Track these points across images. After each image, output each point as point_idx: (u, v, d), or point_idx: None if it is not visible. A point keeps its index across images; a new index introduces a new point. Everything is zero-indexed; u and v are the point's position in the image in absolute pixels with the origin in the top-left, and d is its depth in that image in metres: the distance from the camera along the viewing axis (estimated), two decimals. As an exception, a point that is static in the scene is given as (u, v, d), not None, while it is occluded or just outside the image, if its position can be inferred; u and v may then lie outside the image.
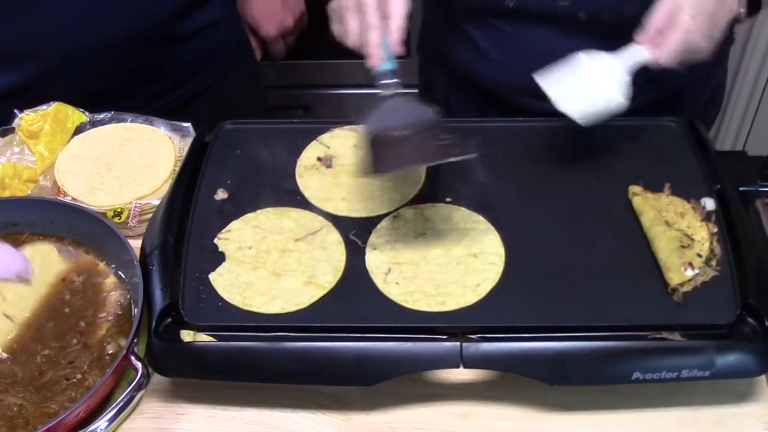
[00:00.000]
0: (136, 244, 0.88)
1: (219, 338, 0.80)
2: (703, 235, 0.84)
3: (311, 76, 1.98)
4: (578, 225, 0.89)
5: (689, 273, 0.81)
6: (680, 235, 0.84)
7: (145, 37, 1.11)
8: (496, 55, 1.11)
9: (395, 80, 0.84)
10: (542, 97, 0.96)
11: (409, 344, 0.77)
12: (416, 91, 2.04)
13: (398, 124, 0.80)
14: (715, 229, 0.85)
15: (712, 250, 0.83)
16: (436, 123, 0.82)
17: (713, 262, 0.83)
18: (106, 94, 1.14)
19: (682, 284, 0.81)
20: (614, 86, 0.87)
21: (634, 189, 0.90)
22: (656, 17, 0.86)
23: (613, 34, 0.91)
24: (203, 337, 0.80)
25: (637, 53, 0.87)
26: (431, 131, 0.81)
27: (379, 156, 0.81)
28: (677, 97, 1.14)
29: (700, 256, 0.82)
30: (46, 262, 0.88)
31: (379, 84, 0.85)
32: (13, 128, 1.06)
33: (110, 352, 0.82)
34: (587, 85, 0.88)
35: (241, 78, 1.33)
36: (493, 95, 1.16)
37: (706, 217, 0.86)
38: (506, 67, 1.10)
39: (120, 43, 1.10)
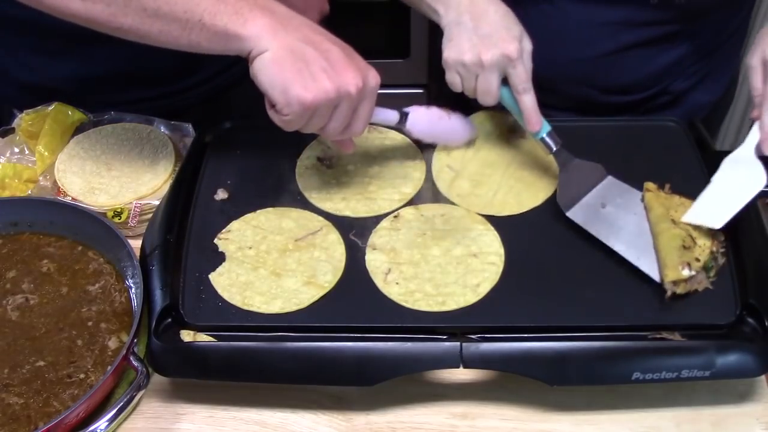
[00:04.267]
0: (136, 244, 0.88)
1: (219, 338, 0.80)
2: (705, 242, 0.83)
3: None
4: (578, 225, 0.89)
5: (686, 272, 0.80)
6: (684, 234, 0.83)
7: None
8: (552, 38, 1.07)
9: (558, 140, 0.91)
10: (589, 84, 0.94)
11: (409, 344, 0.77)
12: (421, 91, 2.06)
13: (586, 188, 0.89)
14: (722, 238, 0.84)
15: (715, 259, 0.82)
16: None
17: (711, 273, 0.82)
18: (157, 78, 1.13)
19: (676, 283, 0.80)
20: (753, 175, 0.87)
21: (649, 185, 0.90)
22: (753, 85, 0.88)
23: (681, 18, 0.90)
24: (203, 337, 0.80)
25: (757, 129, 0.88)
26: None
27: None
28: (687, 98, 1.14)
29: (698, 260, 0.82)
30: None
31: (551, 148, 0.90)
32: (13, 128, 1.06)
33: (113, 348, 0.82)
34: (730, 193, 0.87)
35: None
36: (540, 81, 1.14)
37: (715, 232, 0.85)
38: (559, 51, 1.07)
39: None
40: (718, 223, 0.83)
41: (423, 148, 0.99)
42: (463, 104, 0.96)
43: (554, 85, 1.10)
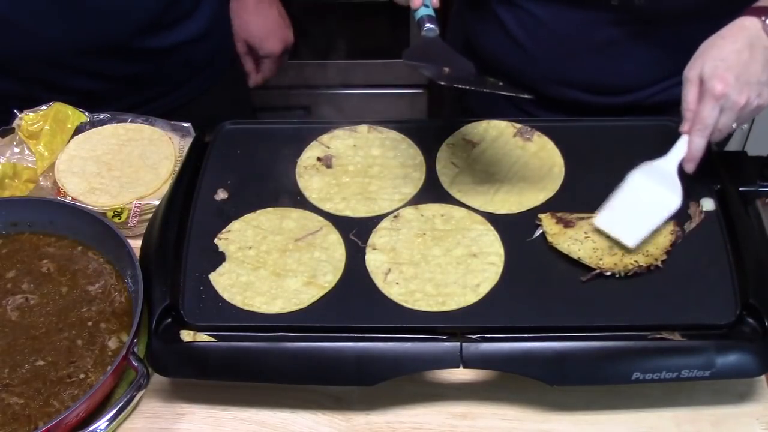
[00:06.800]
0: (136, 244, 0.88)
1: (219, 338, 0.80)
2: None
3: (311, 76, 1.98)
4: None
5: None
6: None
7: (115, 49, 1.10)
8: (526, 40, 1.09)
9: (434, 26, 0.86)
10: (569, 84, 0.92)
11: (409, 344, 0.77)
12: (421, 91, 2.07)
13: (438, 62, 0.85)
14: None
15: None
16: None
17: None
18: (92, 98, 1.13)
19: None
20: (669, 195, 0.86)
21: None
22: (686, 98, 0.86)
23: (645, 21, 0.88)
24: (203, 337, 0.80)
25: (684, 144, 0.87)
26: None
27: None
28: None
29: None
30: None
31: (422, 29, 0.86)
32: (13, 128, 1.06)
33: (113, 348, 0.82)
34: (645, 208, 0.86)
35: (226, 91, 1.31)
36: (522, 83, 1.14)
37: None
38: (535, 53, 1.09)
39: (87, 54, 1.09)
40: (632, 241, 0.84)
41: (426, 146, 0.99)
42: (464, 106, 0.96)
43: (534, 85, 1.11)
